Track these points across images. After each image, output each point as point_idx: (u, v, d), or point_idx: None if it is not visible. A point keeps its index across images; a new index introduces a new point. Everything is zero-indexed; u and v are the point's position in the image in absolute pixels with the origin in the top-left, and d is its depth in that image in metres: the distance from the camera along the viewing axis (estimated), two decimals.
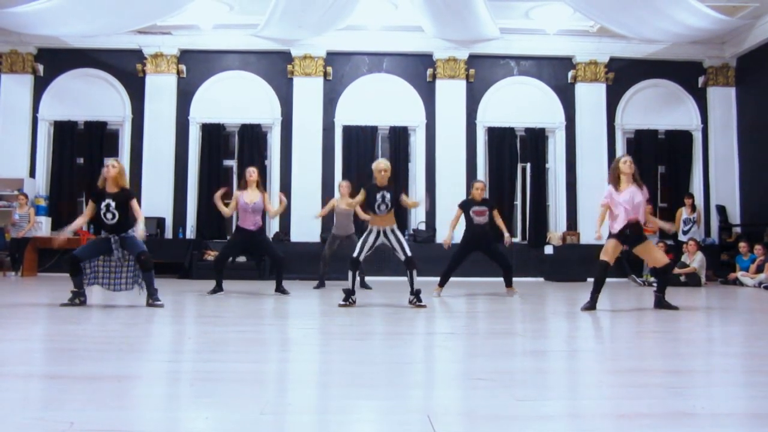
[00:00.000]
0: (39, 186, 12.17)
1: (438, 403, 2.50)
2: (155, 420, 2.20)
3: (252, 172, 7.76)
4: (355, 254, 6.37)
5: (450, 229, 7.99)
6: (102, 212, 6.01)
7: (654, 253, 6.40)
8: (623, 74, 12.58)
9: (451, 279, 8.07)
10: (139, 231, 6.06)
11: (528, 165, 12.56)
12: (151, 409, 2.37)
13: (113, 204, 6.01)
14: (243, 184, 7.81)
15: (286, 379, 2.93)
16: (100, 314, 5.79)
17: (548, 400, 2.52)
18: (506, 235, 8.01)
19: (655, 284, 10.15)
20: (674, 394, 2.61)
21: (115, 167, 6.13)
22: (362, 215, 7.84)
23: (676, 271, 10.28)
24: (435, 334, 4.64)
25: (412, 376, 3.02)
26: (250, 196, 7.62)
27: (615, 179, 6.25)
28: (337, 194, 9.71)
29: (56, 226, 11.98)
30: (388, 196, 6.28)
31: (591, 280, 10.08)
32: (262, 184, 7.78)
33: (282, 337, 4.37)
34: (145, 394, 2.61)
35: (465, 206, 7.91)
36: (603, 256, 6.24)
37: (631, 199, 6.09)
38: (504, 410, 2.31)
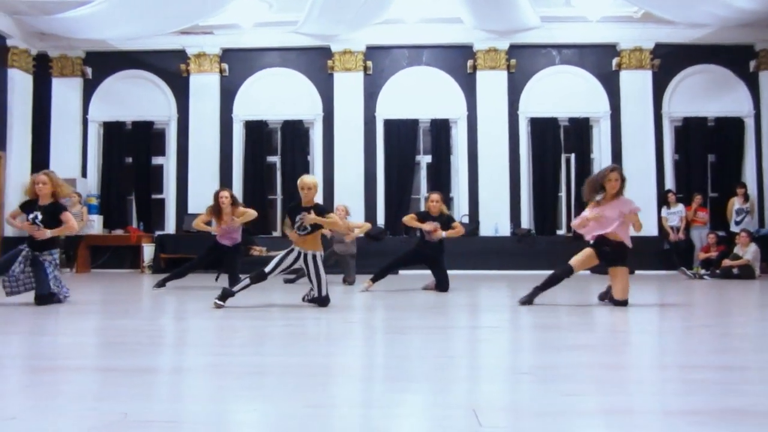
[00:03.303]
0: (90, 185, 12.54)
1: (483, 397, 2.49)
2: (204, 412, 2.25)
3: (224, 197, 7.61)
4: (267, 269, 5.60)
5: (418, 224, 7.52)
6: (29, 223, 5.81)
7: (622, 283, 5.63)
8: (670, 60, 12.23)
9: (494, 272, 7.96)
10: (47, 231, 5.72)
11: (572, 155, 12.34)
12: (200, 401, 2.43)
13: (40, 216, 5.78)
14: (215, 209, 7.64)
15: (331, 373, 2.96)
16: (149, 309, 5.96)
17: (594, 396, 2.48)
18: (439, 231, 7.36)
19: (706, 277, 9.95)
20: (725, 390, 2.54)
21: (46, 184, 5.82)
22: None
23: (729, 263, 10.01)
24: (479, 328, 4.62)
25: (456, 371, 3.02)
26: (226, 219, 7.56)
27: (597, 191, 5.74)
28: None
29: (107, 223, 12.37)
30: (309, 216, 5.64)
31: (639, 272, 9.96)
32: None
33: (326, 331, 4.41)
34: (194, 387, 2.68)
35: (420, 219, 7.58)
36: (572, 261, 5.73)
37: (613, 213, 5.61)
38: (550, 405, 2.29)
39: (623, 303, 5.56)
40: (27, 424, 2.05)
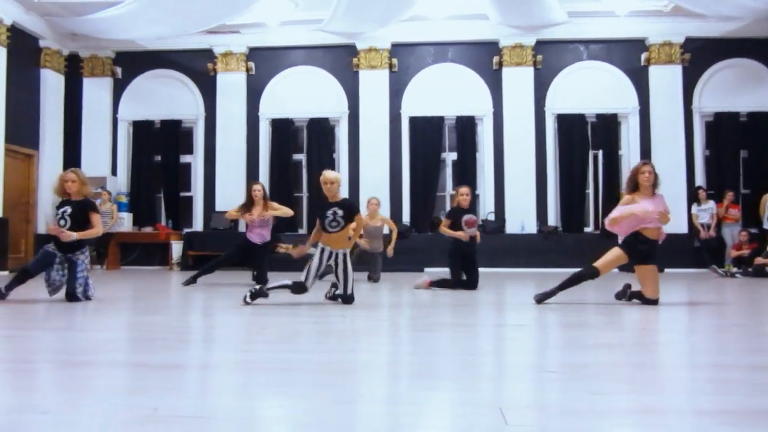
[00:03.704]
0: (120, 183, 12.75)
1: (510, 395, 2.49)
2: (233, 408, 2.27)
3: (257, 190, 7.68)
4: (307, 283, 5.48)
5: (452, 232, 7.36)
6: (57, 218, 5.81)
7: (654, 281, 5.55)
8: (700, 55, 12.01)
9: (521, 269, 7.89)
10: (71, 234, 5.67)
11: (600, 152, 12.22)
12: (228, 396, 2.46)
13: (69, 210, 5.79)
14: (247, 202, 7.73)
15: (357, 370, 2.98)
16: (178, 305, 6.04)
17: (623, 395, 2.46)
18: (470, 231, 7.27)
19: (737, 275, 9.76)
20: (758, 390, 2.49)
21: (75, 182, 5.83)
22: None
23: (761, 261, 9.81)
24: (505, 326, 4.60)
25: (482, 368, 3.01)
26: (257, 212, 7.62)
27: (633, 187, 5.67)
28: (364, 211, 8.56)
29: (137, 221, 12.57)
30: (340, 212, 5.55)
31: (669, 271, 9.80)
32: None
33: (353, 328, 4.43)
34: (222, 383, 2.71)
35: (454, 216, 7.41)
36: (599, 263, 5.59)
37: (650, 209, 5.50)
38: (578, 404, 2.28)
39: (655, 302, 5.49)
40: (59, 419, 2.10)
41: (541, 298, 5.61)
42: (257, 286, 5.74)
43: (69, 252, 5.76)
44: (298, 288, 5.47)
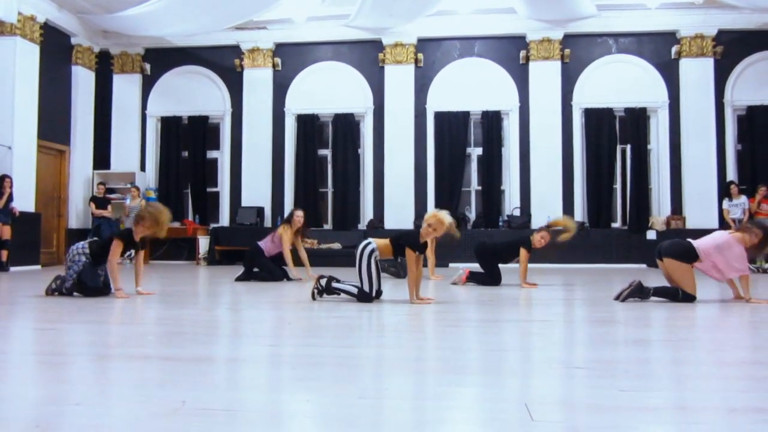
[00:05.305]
0: (149, 179, 12.93)
1: (536, 391, 2.47)
2: (259, 401, 2.30)
3: (299, 216, 8.14)
4: (373, 293, 5.48)
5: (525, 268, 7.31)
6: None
7: (692, 278, 5.50)
8: (733, 47, 11.78)
9: (547, 265, 7.83)
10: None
11: (628, 146, 12.06)
12: (255, 390, 2.48)
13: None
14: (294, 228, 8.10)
15: (383, 365, 2.98)
16: (206, 300, 6.11)
17: (653, 391, 2.42)
18: None
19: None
20: None
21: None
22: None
23: None
24: (531, 322, 4.56)
25: (508, 364, 2.99)
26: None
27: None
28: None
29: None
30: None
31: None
32: (356, 172, 7.73)
33: (378, 323, 4.43)
34: (250, 377, 2.73)
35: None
36: (691, 290, 5.46)
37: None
38: (606, 400, 2.25)
39: (693, 298, 5.44)
40: (91, 410, 2.14)
41: (624, 298, 5.48)
42: (322, 280, 5.63)
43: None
44: (364, 298, 5.44)
